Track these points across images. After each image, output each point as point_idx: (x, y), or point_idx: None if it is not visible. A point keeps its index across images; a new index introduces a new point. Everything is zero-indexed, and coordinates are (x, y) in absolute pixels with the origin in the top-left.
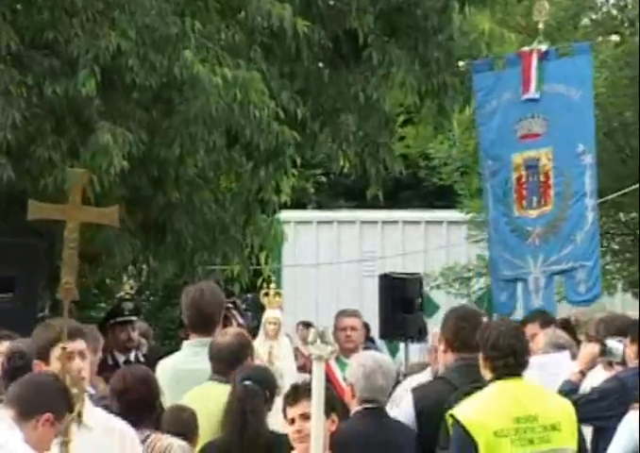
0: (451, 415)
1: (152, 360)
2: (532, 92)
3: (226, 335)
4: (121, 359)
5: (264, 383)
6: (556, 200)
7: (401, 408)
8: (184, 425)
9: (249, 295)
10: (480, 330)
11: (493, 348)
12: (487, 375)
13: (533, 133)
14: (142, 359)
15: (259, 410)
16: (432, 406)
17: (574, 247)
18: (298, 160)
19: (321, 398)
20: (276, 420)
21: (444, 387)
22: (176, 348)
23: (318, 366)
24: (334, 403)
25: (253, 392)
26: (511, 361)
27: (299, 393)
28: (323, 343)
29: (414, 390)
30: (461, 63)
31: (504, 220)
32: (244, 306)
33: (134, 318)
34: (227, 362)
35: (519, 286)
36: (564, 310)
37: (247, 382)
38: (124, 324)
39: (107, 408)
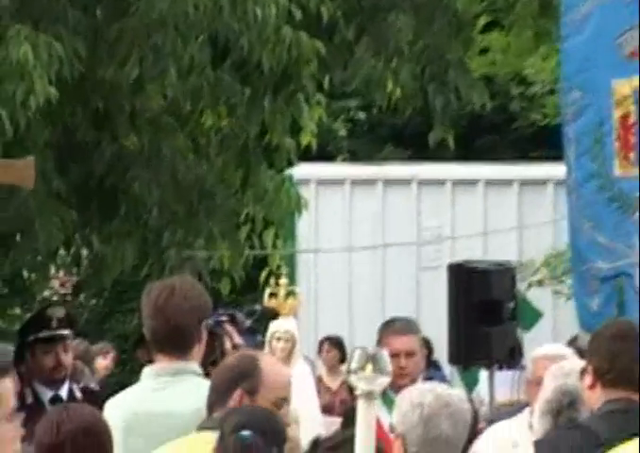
0: None
1: (96, 397)
2: None
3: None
4: (46, 395)
5: (269, 434)
6: None
7: None
8: None
9: (258, 307)
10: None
11: None
12: None
13: None
14: (78, 394)
15: None
16: None
17: None
18: (324, 86)
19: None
20: None
21: (583, 440)
22: (133, 379)
23: (367, 408)
24: None
25: (253, 447)
26: None
27: (318, 451)
28: (375, 371)
29: (539, 443)
30: None
31: (596, 183)
32: (248, 322)
33: (66, 332)
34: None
35: (621, 283)
36: None
37: (244, 434)
38: (50, 342)
39: None
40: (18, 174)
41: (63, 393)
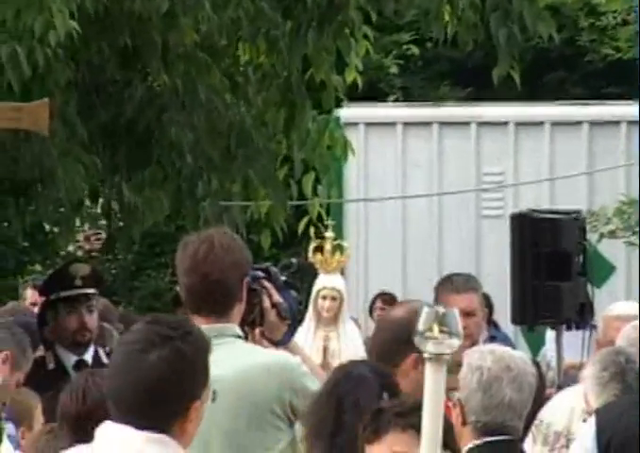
0: None
1: None
2: None
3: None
4: (70, 360)
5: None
6: None
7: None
8: None
9: (294, 261)
10: None
11: None
12: None
13: None
14: (105, 359)
15: None
16: (629, 438)
17: None
18: (372, 18)
19: (438, 423)
20: None
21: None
22: None
23: (436, 372)
24: (449, 436)
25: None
26: None
27: (384, 421)
28: (443, 332)
29: (599, 411)
30: None
31: None
32: (284, 277)
33: (91, 291)
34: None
35: None
36: None
37: None
38: (73, 302)
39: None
40: (31, 118)
41: (88, 357)
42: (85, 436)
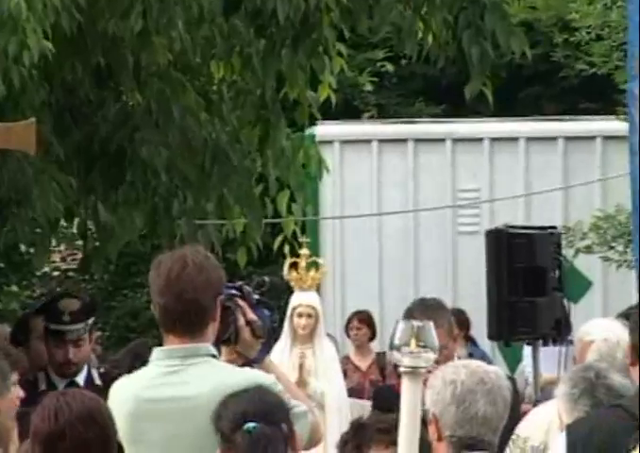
0: None
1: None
2: None
3: None
4: (61, 382)
5: (277, 415)
6: None
7: None
8: None
9: (267, 279)
10: None
11: None
12: None
13: None
14: (98, 381)
15: None
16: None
17: None
18: (346, 35)
19: (414, 438)
20: None
21: (618, 420)
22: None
23: (412, 385)
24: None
25: (267, 439)
26: None
27: (366, 436)
28: (420, 347)
29: (569, 427)
30: None
31: None
32: (256, 295)
33: (79, 327)
34: None
35: None
36: None
37: (251, 425)
38: (62, 336)
39: None
40: (18, 138)
41: (80, 379)
42: None
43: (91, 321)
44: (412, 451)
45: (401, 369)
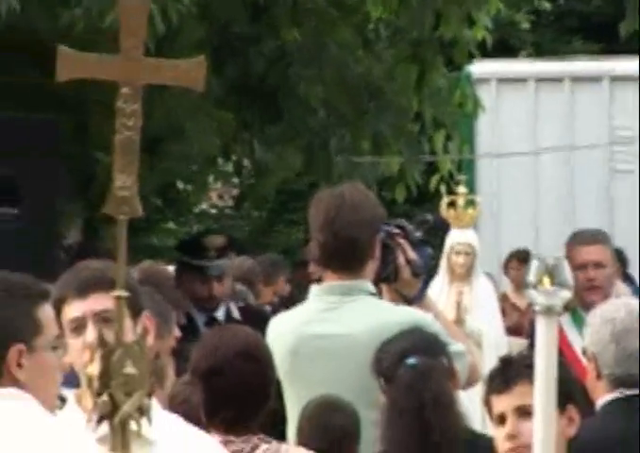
0: None
1: (258, 318)
2: None
3: None
4: (200, 317)
5: (437, 350)
6: None
7: None
8: (333, 432)
9: (430, 216)
10: None
11: None
12: None
13: None
14: (236, 315)
15: (443, 397)
16: None
17: None
18: None
19: (551, 381)
20: None
21: None
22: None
23: (547, 325)
24: (572, 389)
25: (430, 371)
26: None
27: (514, 372)
28: (555, 284)
29: None
30: None
31: None
32: (418, 233)
33: (223, 262)
34: None
35: None
36: None
37: (413, 360)
38: (206, 272)
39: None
40: (187, 75)
41: (220, 314)
42: (216, 391)
43: (233, 257)
44: (550, 392)
45: (536, 308)
